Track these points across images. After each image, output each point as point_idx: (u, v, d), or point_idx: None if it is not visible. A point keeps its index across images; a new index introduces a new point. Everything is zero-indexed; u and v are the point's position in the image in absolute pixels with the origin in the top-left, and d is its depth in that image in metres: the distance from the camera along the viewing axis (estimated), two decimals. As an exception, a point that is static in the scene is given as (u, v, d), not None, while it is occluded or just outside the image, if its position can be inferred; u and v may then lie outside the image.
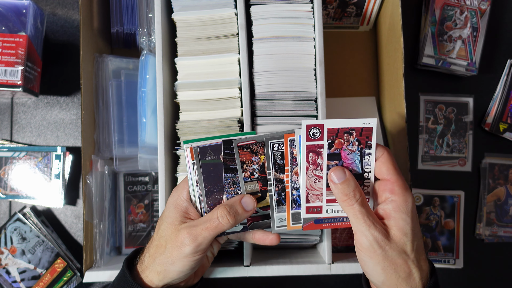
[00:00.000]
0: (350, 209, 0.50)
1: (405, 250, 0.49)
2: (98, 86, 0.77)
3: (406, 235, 0.49)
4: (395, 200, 0.49)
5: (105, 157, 0.77)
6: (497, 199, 0.87)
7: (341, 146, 0.51)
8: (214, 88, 0.66)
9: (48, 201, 0.80)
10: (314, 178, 0.52)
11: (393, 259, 0.48)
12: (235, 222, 0.53)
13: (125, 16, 0.78)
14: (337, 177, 0.50)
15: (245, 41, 0.66)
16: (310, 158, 0.51)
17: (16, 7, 0.75)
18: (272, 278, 0.68)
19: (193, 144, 0.54)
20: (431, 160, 0.87)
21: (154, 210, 0.81)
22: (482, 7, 0.86)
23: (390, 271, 0.49)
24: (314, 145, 0.50)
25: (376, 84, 0.87)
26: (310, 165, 0.51)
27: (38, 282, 0.78)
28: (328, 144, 0.51)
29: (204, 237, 0.52)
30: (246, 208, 0.53)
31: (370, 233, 0.48)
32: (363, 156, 0.51)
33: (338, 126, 0.50)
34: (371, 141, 0.51)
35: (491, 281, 0.86)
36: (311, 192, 0.52)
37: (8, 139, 0.84)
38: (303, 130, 0.50)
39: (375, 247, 0.48)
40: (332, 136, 0.50)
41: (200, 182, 0.54)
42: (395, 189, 0.50)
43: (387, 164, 0.51)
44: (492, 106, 0.87)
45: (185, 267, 0.53)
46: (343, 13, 0.84)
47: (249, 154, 0.53)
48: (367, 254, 0.49)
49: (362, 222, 0.49)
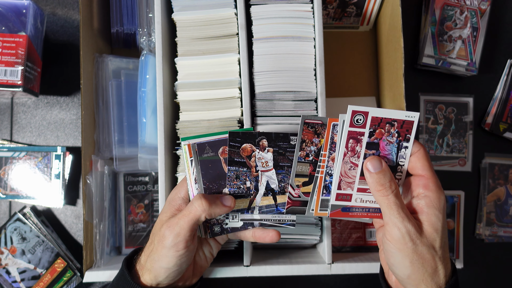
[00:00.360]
0: (384, 200, 0.49)
1: (434, 246, 0.49)
2: (98, 86, 0.77)
3: (437, 231, 0.49)
4: (428, 196, 0.49)
5: (105, 157, 0.77)
6: (497, 199, 0.87)
7: (381, 136, 0.51)
8: (214, 88, 0.66)
9: (48, 201, 0.80)
10: (350, 165, 0.52)
11: (422, 254, 0.48)
12: (210, 212, 0.51)
13: (125, 16, 0.78)
14: (373, 166, 0.50)
15: (245, 41, 0.66)
16: (349, 145, 0.51)
17: (16, 7, 0.75)
18: (272, 278, 0.68)
19: (191, 141, 0.53)
20: (431, 160, 0.87)
21: (154, 210, 0.81)
22: (482, 7, 0.86)
23: (418, 265, 0.49)
24: (355, 132, 0.50)
25: (376, 84, 0.87)
26: (348, 152, 0.51)
27: (38, 282, 0.78)
28: (369, 132, 0.51)
29: (180, 226, 0.51)
30: (224, 203, 0.53)
31: (403, 225, 0.48)
32: (400, 148, 0.51)
33: (382, 116, 0.50)
34: (410, 135, 0.51)
35: (491, 281, 0.86)
36: (344, 179, 0.52)
37: (8, 139, 0.84)
38: (348, 115, 0.49)
39: (406, 240, 0.48)
40: (375, 125, 0.50)
41: (198, 179, 0.54)
42: (430, 185, 0.50)
43: (422, 160, 0.51)
44: (492, 106, 0.87)
45: (170, 263, 0.52)
46: (343, 13, 0.84)
47: (312, 134, 0.52)
48: (397, 246, 0.49)
49: (396, 213, 0.48)
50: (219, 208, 0.53)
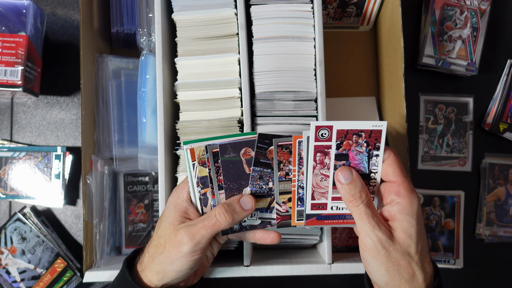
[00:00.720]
0: (355, 210, 0.50)
1: (409, 252, 0.49)
2: (98, 86, 0.77)
3: (410, 237, 0.49)
4: (400, 202, 0.50)
5: (105, 157, 0.77)
6: (497, 199, 0.87)
7: (349, 147, 0.51)
8: (214, 88, 0.66)
9: (48, 201, 0.80)
10: (321, 177, 0.52)
11: (397, 260, 0.49)
12: (233, 220, 0.53)
13: (125, 16, 0.78)
14: (344, 177, 0.51)
15: (245, 41, 0.66)
16: (317, 158, 0.51)
17: (16, 7, 0.75)
18: (272, 278, 0.68)
19: (193, 144, 0.54)
20: (431, 160, 0.87)
21: (154, 210, 0.81)
22: (482, 7, 0.86)
23: (393, 272, 0.49)
24: (322, 146, 0.51)
25: (376, 84, 0.87)
26: (317, 164, 0.52)
27: (38, 282, 0.78)
28: (337, 145, 0.51)
29: (202, 235, 0.52)
30: (244, 207, 0.54)
31: (374, 234, 0.48)
32: (370, 157, 0.52)
33: (348, 128, 0.50)
34: (380, 143, 0.51)
35: (491, 281, 0.86)
36: (317, 189, 0.53)
37: (8, 139, 0.84)
38: (312, 130, 0.50)
39: (379, 248, 0.48)
40: (341, 137, 0.51)
41: (202, 182, 0.54)
42: (401, 191, 0.50)
43: (393, 166, 0.51)
44: (492, 106, 0.87)
45: (184, 267, 0.53)
46: (343, 13, 0.84)
47: (287, 154, 0.54)
48: (371, 255, 0.49)
49: (367, 222, 0.49)
50: (242, 215, 0.54)
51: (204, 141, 0.54)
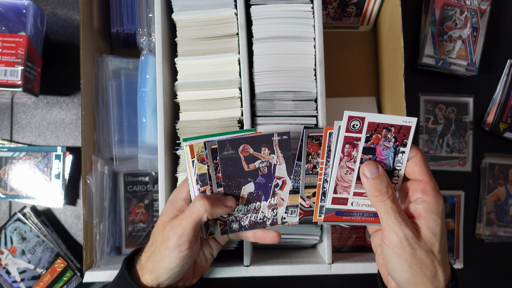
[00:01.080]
0: (381, 205, 0.49)
1: (433, 250, 0.49)
2: (98, 86, 0.77)
3: (435, 235, 0.49)
4: (427, 200, 0.49)
5: (105, 157, 0.77)
6: (497, 199, 0.87)
7: (378, 141, 0.51)
8: (214, 88, 0.66)
9: (48, 201, 0.80)
10: (346, 170, 0.52)
11: (421, 258, 0.48)
12: (212, 211, 0.52)
13: (125, 16, 0.78)
14: (370, 172, 0.50)
15: (245, 41, 0.66)
16: (346, 150, 0.51)
17: (16, 7, 0.75)
18: (272, 278, 0.68)
19: (193, 141, 0.53)
20: (431, 160, 0.87)
21: (154, 210, 0.81)
22: (482, 7, 0.86)
23: (417, 269, 0.49)
24: (352, 137, 0.50)
25: (376, 84, 0.87)
26: (344, 157, 0.51)
27: (38, 282, 0.78)
28: (366, 137, 0.50)
29: (184, 227, 0.51)
30: (224, 203, 0.53)
31: (401, 230, 0.48)
32: (396, 153, 0.51)
33: (379, 121, 0.50)
34: (408, 140, 0.51)
35: (491, 281, 0.86)
36: (340, 183, 0.52)
37: (8, 139, 0.84)
38: (344, 120, 0.49)
39: (404, 245, 0.48)
40: (371, 130, 0.50)
41: (201, 179, 0.54)
42: (428, 189, 0.50)
43: (420, 165, 0.51)
44: (492, 106, 0.87)
45: (173, 264, 0.52)
46: (343, 13, 0.84)
47: (317, 146, 0.53)
48: (395, 251, 0.49)
49: (394, 218, 0.48)
50: (221, 208, 0.53)
51: (204, 138, 0.54)
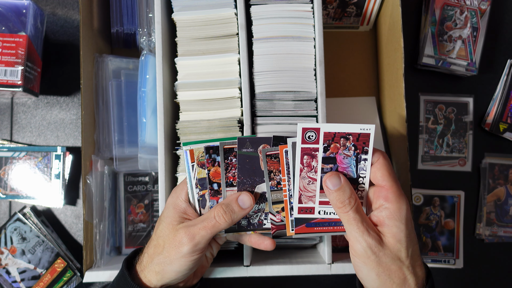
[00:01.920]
0: (344, 216, 0.50)
1: (399, 257, 0.49)
2: (98, 86, 0.77)
3: (400, 242, 0.49)
4: (388, 207, 0.49)
5: (105, 157, 0.77)
6: (497, 199, 0.87)
7: (337, 150, 0.51)
8: (214, 88, 0.66)
9: (48, 201, 0.80)
10: (308, 180, 0.52)
11: (387, 265, 0.49)
12: (232, 220, 0.53)
13: (125, 16, 0.78)
14: (332, 184, 0.50)
15: (245, 41, 0.66)
16: (304, 160, 0.51)
17: (16, 7, 0.75)
18: (272, 278, 0.68)
19: (192, 146, 0.53)
20: (431, 160, 0.87)
21: (154, 210, 0.81)
22: (482, 7, 0.86)
23: (384, 277, 0.49)
24: (309, 148, 0.50)
25: (376, 84, 0.87)
26: (304, 167, 0.51)
27: (38, 282, 0.78)
28: (324, 147, 0.50)
29: (201, 236, 0.52)
30: (242, 206, 0.54)
31: (363, 239, 0.48)
32: (359, 161, 0.51)
33: (335, 131, 0.50)
34: (368, 147, 0.51)
35: (491, 281, 0.86)
36: (304, 193, 0.52)
37: (8, 139, 0.84)
38: (298, 132, 0.50)
39: (368, 253, 0.48)
40: (328, 140, 0.50)
41: (200, 184, 0.54)
42: (389, 196, 0.49)
43: (382, 170, 0.50)
44: (492, 106, 0.87)
45: (183, 267, 0.53)
46: (343, 13, 0.84)
47: (277, 163, 0.54)
48: (361, 260, 0.49)
49: (356, 228, 0.49)
50: (240, 214, 0.54)
51: (203, 142, 0.54)
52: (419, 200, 0.86)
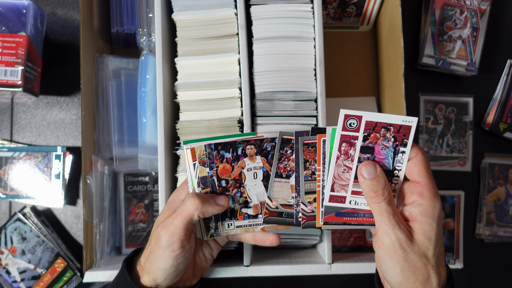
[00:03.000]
0: (376, 206, 0.49)
1: (427, 255, 0.48)
2: (98, 86, 0.77)
3: (429, 240, 0.48)
4: (423, 204, 0.48)
5: (105, 157, 0.77)
6: (497, 199, 0.87)
7: (376, 140, 0.50)
8: (214, 88, 0.66)
9: (48, 201, 0.80)
10: (343, 169, 0.51)
11: (413, 262, 0.48)
12: (203, 211, 0.51)
13: (125, 16, 0.78)
14: (367, 172, 0.49)
15: (245, 41, 0.66)
16: (342, 148, 0.50)
17: (16, 7, 0.75)
18: (272, 278, 0.68)
19: (193, 144, 0.53)
20: (431, 160, 0.87)
21: (154, 210, 0.81)
22: (482, 7, 0.86)
23: (408, 273, 0.48)
24: (348, 136, 0.49)
25: (376, 84, 0.87)
26: (341, 155, 0.50)
27: (38, 282, 0.78)
28: (364, 136, 0.50)
29: (175, 225, 0.51)
30: (216, 201, 0.53)
31: (393, 233, 0.47)
32: (396, 153, 0.50)
33: (377, 120, 0.49)
34: (408, 140, 0.50)
35: (491, 281, 0.86)
36: (338, 181, 0.51)
37: (8, 139, 0.84)
38: (340, 118, 0.49)
39: (396, 248, 0.48)
40: (369, 129, 0.49)
41: (202, 182, 0.54)
42: (425, 192, 0.49)
43: (419, 166, 0.50)
44: (492, 106, 0.87)
45: (167, 264, 0.52)
46: (343, 13, 0.84)
47: (313, 152, 0.53)
48: (387, 254, 0.48)
49: (387, 220, 0.48)
50: (212, 207, 0.53)
51: (204, 140, 0.54)
52: (419, 200, 0.86)
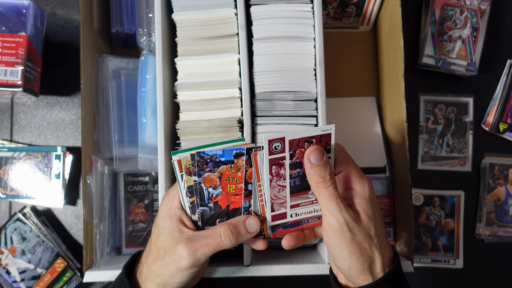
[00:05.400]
0: (323, 191, 0.50)
1: (370, 234, 0.50)
2: (98, 86, 0.77)
3: (370, 218, 0.50)
4: (354, 187, 0.52)
5: (105, 157, 0.77)
6: (497, 199, 0.87)
7: (302, 154, 0.52)
8: (214, 88, 0.66)
9: (48, 201, 0.80)
10: (278, 188, 0.53)
11: (360, 243, 0.50)
12: (236, 242, 0.52)
13: (125, 16, 0.78)
14: (315, 158, 0.51)
15: (245, 41, 0.66)
16: (273, 171, 0.52)
17: (16, 7, 0.75)
18: (272, 278, 0.68)
19: (181, 155, 0.52)
20: (431, 160, 0.87)
21: (154, 210, 0.81)
22: (482, 7, 0.86)
23: (357, 254, 0.50)
24: (276, 158, 0.51)
25: (376, 84, 0.87)
26: (273, 177, 0.52)
27: (38, 282, 0.78)
28: (290, 154, 0.51)
29: (203, 253, 0.51)
30: (249, 230, 0.53)
31: (341, 215, 0.49)
32: None
33: (298, 137, 0.51)
34: (330, 145, 0.52)
35: (491, 281, 0.86)
36: (275, 201, 0.53)
37: (8, 139, 0.84)
38: (265, 145, 0.50)
39: (344, 230, 0.49)
40: (293, 147, 0.51)
41: (189, 191, 0.53)
42: (352, 177, 0.52)
43: (341, 155, 0.53)
44: (492, 106, 0.87)
45: (184, 279, 0.53)
46: (343, 13, 0.84)
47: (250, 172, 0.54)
48: (335, 237, 0.50)
49: (335, 204, 0.50)
50: (246, 237, 0.53)
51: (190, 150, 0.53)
52: (419, 200, 0.86)
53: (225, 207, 0.54)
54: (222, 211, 0.54)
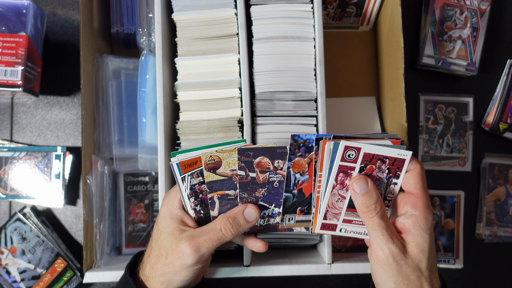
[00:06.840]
0: (369, 221, 0.49)
1: (420, 267, 0.48)
2: (98, 86, 0.77)
3: (423, 252, 0.48)
4: (415, 215, 0.49)
5: (105, 157, 0.77)
6: (497, 199, 0.87)
7: (371, 171, 0.50)
8: (214, 88, 0.66)
9: (48, 201, 0.80)
10: (338, 198, 0.51)
11: (407, 275, 0.48)
12: (238, 233, 0.53)
13: (125, 16, 0.78)
14: (359, 187, 0.50)
15: (245, 41, 0.66)
16: (339, 178, 0.50)
17: (16, 7, 0.75)
18: (272, 278, 0.68)
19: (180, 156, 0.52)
20: (431, 160, 0.87)
21: (154, 210, 0.81)
22: (482, 7, 0.86)
23: (402, 286, 0.48)
24: (346, 166, 0.50)
25: (376, 84, 0.87)
26: (337, 184, 0.51)
27: (38, 282, 0.78)
28: (360, 167, 0.50)
29: (207, 247, 0.52)
30: (248, 219, 0.53)
31: (387, 246, 0.48)
32: (389, 184, 0.51)
33: (374, 152, 0.49)
34: (401, 172, 0.50)
35: (491, 281, 0.86)
36: (331, 210, 0.52)
37: (8, 139, 0.84)
38: (340, 150, 0.49)
39: (390, 261, 0.48)
40: (366, 160, 0.50)
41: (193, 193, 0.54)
42: (418, 204, 0.49)
43: (416, 178, 0.50)
44: (492, 106, 0.87)
45: (188, 276, 0.53)
46: (343, 13, 0.84)
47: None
48: (381, 267, 0.49)
49: (380, 234, 0.48)
50: (246, 227, 0.53)
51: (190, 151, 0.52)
52: (419, 200, 0.86)
53: (308, 195, 0.54)
54: (304, 199, 0.54)
